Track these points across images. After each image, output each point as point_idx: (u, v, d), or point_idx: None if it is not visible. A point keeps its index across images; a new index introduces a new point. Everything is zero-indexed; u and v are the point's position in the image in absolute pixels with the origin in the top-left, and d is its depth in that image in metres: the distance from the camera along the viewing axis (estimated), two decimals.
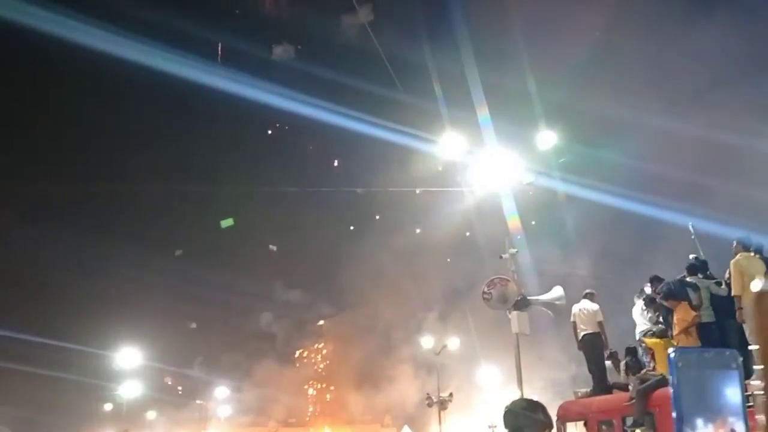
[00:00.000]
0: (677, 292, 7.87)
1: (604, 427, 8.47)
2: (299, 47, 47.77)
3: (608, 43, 20.36)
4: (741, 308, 7.35)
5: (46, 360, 33.59)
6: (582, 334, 9.23)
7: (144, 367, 33.56)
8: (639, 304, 9.01)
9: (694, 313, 7.64)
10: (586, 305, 9.37)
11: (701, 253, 8.95)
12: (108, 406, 38.77)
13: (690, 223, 9.86)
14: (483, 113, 13.94)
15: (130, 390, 32.94)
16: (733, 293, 7.58)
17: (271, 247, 46.99)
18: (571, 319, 9.45)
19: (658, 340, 8.37)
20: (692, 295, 7.88)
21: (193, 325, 45.95)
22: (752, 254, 7.72)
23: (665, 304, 8.15)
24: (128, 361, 30.99)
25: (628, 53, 21.12)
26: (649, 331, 8.65)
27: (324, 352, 48.80)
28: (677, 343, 7.70)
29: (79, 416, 40.91)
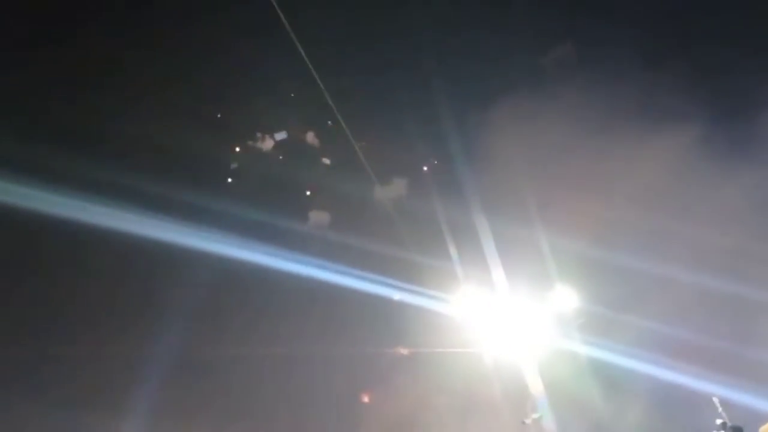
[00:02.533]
0: None
1: None
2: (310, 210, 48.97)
3: (630, 197, 20.65)
4: None
5: None
6: None
7: None
8: None
9: None
10: None
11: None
12: None
13: (715, 398, 9.54)
14: (498, 273, 14.08)
15: None
16: None
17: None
18: None
19: None
20: None
21: None
22: None
23: None
24: None
25: (652, 210, 21.34)
26: None
27: None
28: None
29: None
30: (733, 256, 17.76)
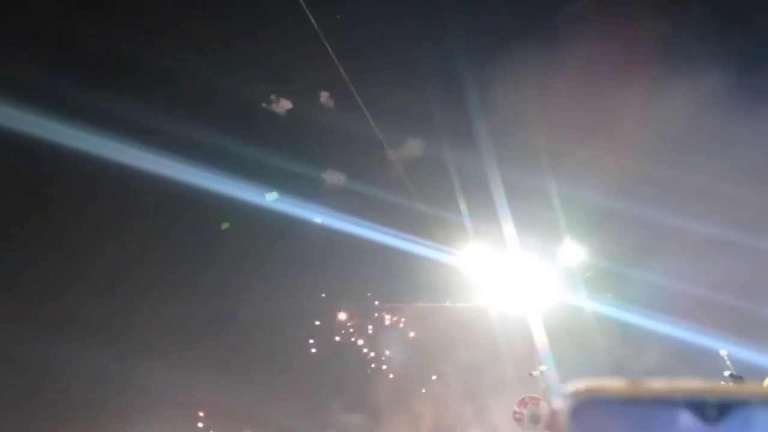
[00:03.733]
0: None
1: None
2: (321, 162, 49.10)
3: (642, 149, 20.31)
4: None
5: None
6: None
7: None
8: None
9: None
10: None
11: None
12: None
13: (723, 351, 9.57)
14: (508, 227, 14.03)
15: None
16: None
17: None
18: None
19: None
20: None
21: None
22: None
23: None
24: None
25: (664, 163, 21.00)
26: None
27: None
28: None
29: None
30: (746, 210, 17.58)
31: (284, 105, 29.35)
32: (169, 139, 20.89)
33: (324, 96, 26.79)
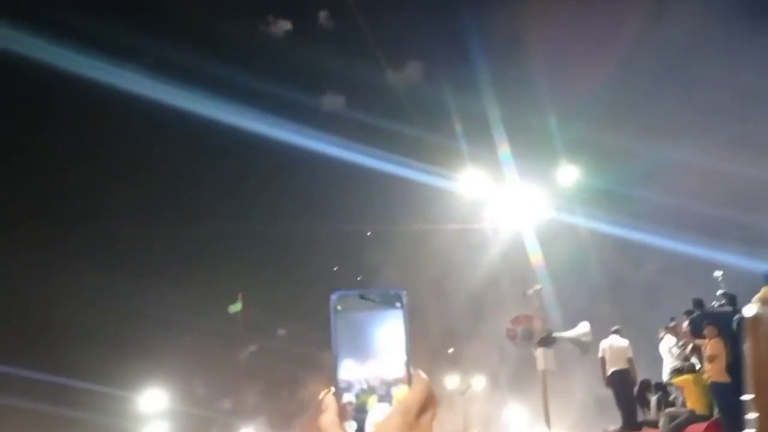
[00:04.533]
0: (709, 326, 7.80)
1: None
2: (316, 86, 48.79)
3: (634, 72, 20.06)
4: None
5: (72, 401, 33.87)
6: (611, 370, 9.14)
7: (169, 410, 33.58)
8: (667, 339, 8.92)
9: (724, 349, 7.54)
10: (616, 341, 9.30)
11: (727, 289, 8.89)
12: None
13: (717, 273, 9.75)
14: (504, 149, 14.02)
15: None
16: None
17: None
18: (600, 354, 9.37)
19: (687, 376, 8.27)
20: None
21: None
22: None
23: (695, 341, 8.07)
24: (153, 403, 31.08)
25: (654, 84, 20.80)
26: (676, 370, 8.55)
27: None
28: (709, 378, 7.61)
29: None
30: (744, 131, 17.48)
31: (283, 26, 28.70)
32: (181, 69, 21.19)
33: (323, 17, 26.16)
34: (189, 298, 39.55)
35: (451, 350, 38.01)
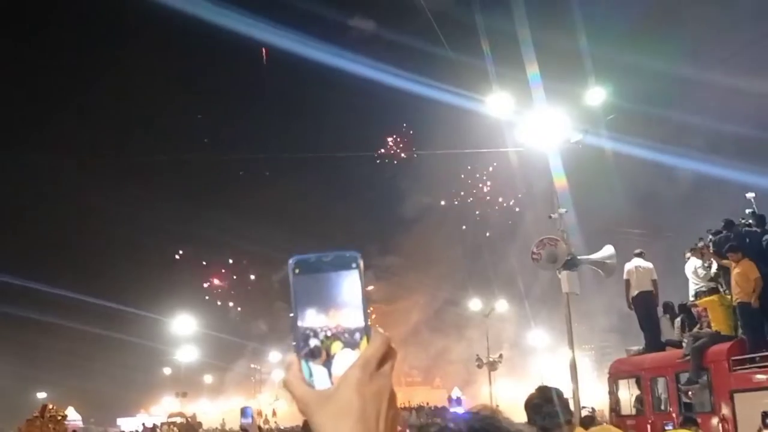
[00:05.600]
0: (732, 248, 7.69)
1: (656, 383, 8.41)
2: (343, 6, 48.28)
3: None
4: None
5: (112, 323, 35.52)
6: (636, 292, 9.13)
7: (200, 333, 34.77)
8: (692, 261, 8.83)
9: (756, 270, 7.44)
10: (641, 263, 9.26)
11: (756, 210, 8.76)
12: (167, 370, 40.25)
13: (750, 194, 9.59)
14: (532, 70, 13.59)
15: (187, 355, 34.09)
16: None
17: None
18: (625, 276, 9.35)
19: (712, 297, 8.23)
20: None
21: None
22: None
23: (722, 261, 7.98)
24: (184, 327, 32.14)
25: (685, 5, 20.07)
26: (700, 292, 8.52)
27: (372, 316, 49.38)
28: (736, 298, 7.56)
29: (143, 378, 42.98)
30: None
31: None
32: None
33: None
34: (237, 221, 40.90)
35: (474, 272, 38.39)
